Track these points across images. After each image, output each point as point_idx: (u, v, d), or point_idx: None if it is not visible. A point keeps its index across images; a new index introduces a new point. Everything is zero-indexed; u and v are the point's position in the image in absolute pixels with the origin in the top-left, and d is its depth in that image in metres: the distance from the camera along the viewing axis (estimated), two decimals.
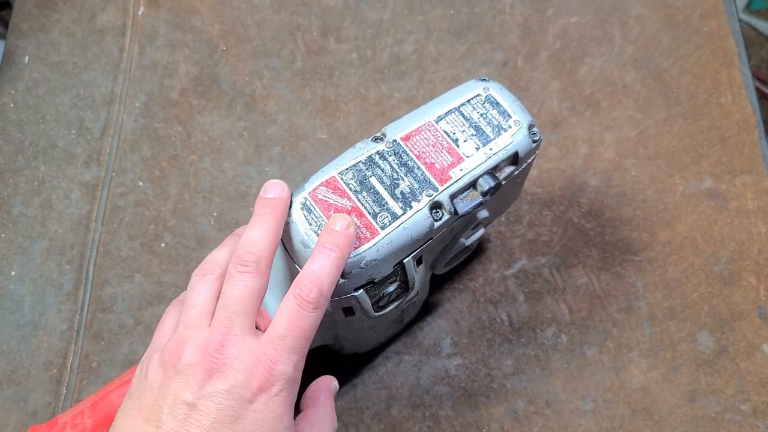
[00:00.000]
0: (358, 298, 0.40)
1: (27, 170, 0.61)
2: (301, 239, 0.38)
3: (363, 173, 0.40)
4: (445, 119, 0.42)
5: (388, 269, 0.39)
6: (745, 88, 0.63)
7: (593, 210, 0.59)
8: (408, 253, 0.40)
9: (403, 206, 0.39)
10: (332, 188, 0.39)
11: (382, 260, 0.38)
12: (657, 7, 0.67)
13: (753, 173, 0.59)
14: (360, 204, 0.39)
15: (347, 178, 0.40)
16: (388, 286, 0.41)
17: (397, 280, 0.42)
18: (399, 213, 0.39)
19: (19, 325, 0.55)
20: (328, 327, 0.43)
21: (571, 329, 0.54)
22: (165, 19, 0.68)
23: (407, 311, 0.49)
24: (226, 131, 0.63)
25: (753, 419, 0.51)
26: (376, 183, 0.40)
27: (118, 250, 0.58)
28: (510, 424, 0.51)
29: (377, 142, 0.41)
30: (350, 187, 0.39)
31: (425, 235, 0.40)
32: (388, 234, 0.38)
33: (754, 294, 0.55)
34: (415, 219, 0.39)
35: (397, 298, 0.43)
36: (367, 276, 0.39)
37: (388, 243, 0.38)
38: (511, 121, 0.42)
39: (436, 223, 0.39)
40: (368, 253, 0.38)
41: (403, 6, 0.68)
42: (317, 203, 0.39)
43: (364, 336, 0.48)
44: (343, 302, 0.40)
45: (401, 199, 0.39)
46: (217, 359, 0.33)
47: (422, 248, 0.41)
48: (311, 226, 0.38)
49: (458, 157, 0.41)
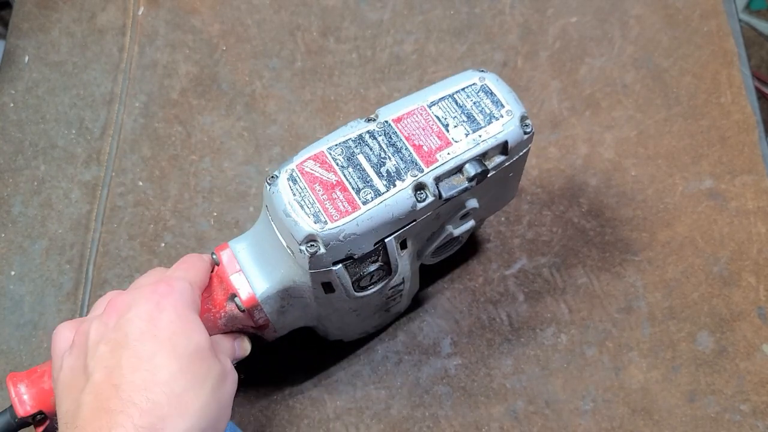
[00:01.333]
0: (337, 273, 0.40)
1: (27, 170, 0.61)
2: (284, 208, 0.39)
3: (351, 150, 0.41)
4: (438, 104, 0.42)
5: (369, 246, 0.40)
6: (744, 88, 0.63)
7: (593, 210, 0.59)
8: (389, 231, 0.40)
9: (387, 184, 0.39)
10: (320, 162, 0.40)
11: (362, 235, 0.39)
12: (657, 7, 0.67)
13: (753, 173, 0.59)
14: (345, 179, 0.40)
15: (335, 154, 0.40)
16: (369, 265, 0.42)
17: (379, 260, 0.42)
18: (382, 190, 0.39)
19: (18, 324, 0.55)
20: (310, 304, 0.44)
21: (571, 329, 0.54)
22: (165, 19, 0.68)
23: (394, 300, 0.48)
24: (226, 131, 0.63)
25: (753, 419, 0.51)
26: (363, 160, 0.40)
27: (117, 250, 0.58)
28: (510, 424, 0.51)
29: (369, 122, 0.42)
30: (337, 162, 0.40)
31: (407, 215, 0.40)
32: (370, 210, 0.39)
33: (753, 294, 0.55)
34: (398, 197, 0.39)
35: (380, 279, 0.43)
36: (345, 250, 0.39)
37: (368, 219, 0.39)
38: (503, 111, 0.42)
39: (419, 204, 0.40)
40: (347, 227, 0.38)
41: (403, 6, 0.68)
42: (303, 175, 0.39)
43: (348, 320, 0.48)
44: (322, 276, 0.40)
45: (386, 177, 0.40)
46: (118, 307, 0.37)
47: (405, 230, 0.41)
48: (294, 197, 0.39)
49: (447, 141, 0.41)
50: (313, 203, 0.39)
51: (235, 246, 0.44)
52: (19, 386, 0.41)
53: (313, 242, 0.38)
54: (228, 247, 0.44)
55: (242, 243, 0.44)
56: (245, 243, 0.44)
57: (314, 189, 0.39)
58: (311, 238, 0.38)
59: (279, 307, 0.43)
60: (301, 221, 0.38)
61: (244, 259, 0.43)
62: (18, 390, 0.41)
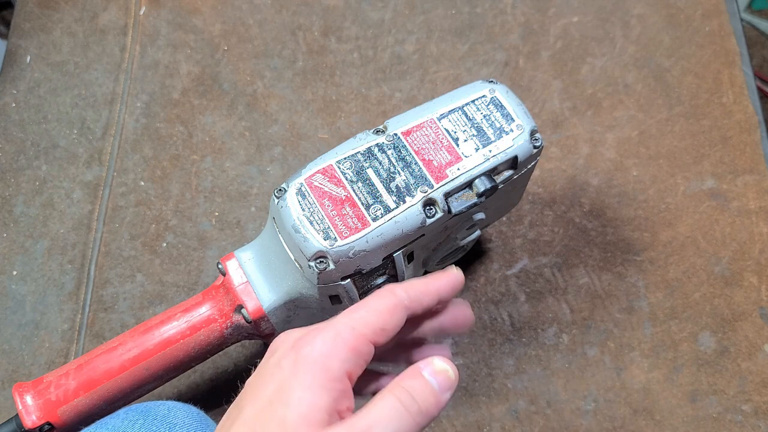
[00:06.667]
0: (345, 287, 0.40)
1: (29, 170, 0.61)
2: (293, 224, 0.38)
3: (360, 164, 0.40)
4: (448, 117, 0.42)
5: (377, 261, 0.40)
6: (746, 87, 0.63)
7: (594, 210, 0.59)
8: (398, 247, 0.40)
9: (397, 200, 0.39)
10: (329, 176, 0.40)
11: (371, 252, 0.38)
12: (658, 7, 0.67)
13: (755, 173, 0.59)
14: (354, 194, 0.39)
15: (344, 168, 0.40)
16: (376, 278, 0.41)
17: (386, 274, 0.42)
18: (392, 206, 0.39)
19: (20, 324, 0.55)
20: (316, 314, 0.44)
21: (573, 329, 0.54)
22: (166, 18, 0.68)
23: None
24: (228, 131, 0.63)
25: (754, 419, 0.51)
26: (373, 175, 0.40)
27: (119, 250, 0.58)
28: (511, 424, 0.51)
29: (378, 135, 0.41)
30: (346, 176, 0.40)
31: (416, 231, 0.40)
32: (379, 226, 0.38)
33: (755, 294, 0.55)
34: (408, 214, 0.39)
35: None
36: (354, 266, 0.39)
37: (378, 235, 0.38)
38: (513, 125, 0.42)
39: (429, 220, 0.39)
40: (357, 244, 0.38)
41: (404, 6, 0.68)
42: (312, 190, 0.39)
43: None
44: (329, 290, 0.40)
45: (396, 192, 0.39)
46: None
47: (413, 243, 0.41)
48: (303, 212, 0.38)
49: (457, 156, 0.41)
50: (322, 219, 0.38)
51: (241, 256, 0.43)
52: (26, 397, 0.41)
53: (323, 258, 0.38)
54: (234, 257, 0.43)
55: (248, 252, 0.43)
56: (251, 253, 0.43)
57: (323, 204, 0.39)
58: (321, 255, 0.38)
59: (285, 317, 0.43)
60: (310, 237, 0.38)
61: (250, 270, 0.43)
62: (24, 401, 0.41)
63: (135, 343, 0.43)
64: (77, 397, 0.42)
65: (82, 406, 0.42)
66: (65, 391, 0.41)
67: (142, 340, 0.43)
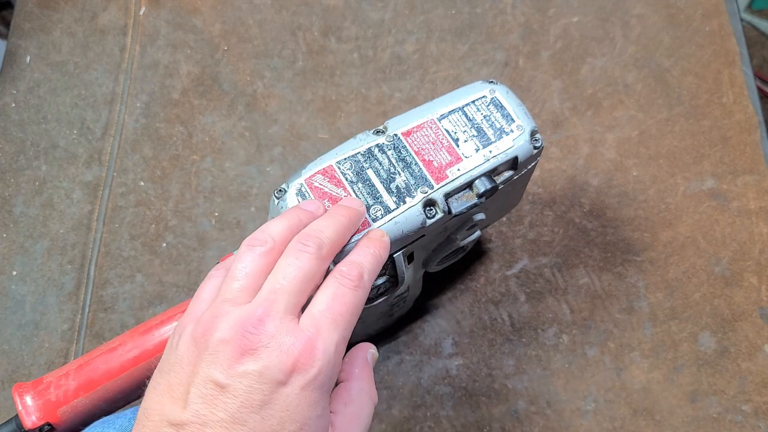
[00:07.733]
0: None
1: (28, 170, 0.61)
2: None
3: (361, 164, 0.40)
4: (448, 118, 0.42)
5: None
6: (746, 87, 0.63)
7: (594, 210, 0.59)
8: (398, 247, 0.40)
9: (397, 201, 0.39)
10: (329, 177, 0.40)
11: None
12: (658, 7, 0.67)
13: (755, 173, 0.59)
14: (354, 195, 0.39)
15: (344, 168, 0.40)
16: (376, 279, 0.41)
17: (386, 274, 0.42)
18: (392, 207, 0.39)
19: (20, 324, 0.55)
20: None
21: (573, 329, 0.54)
22: (166, 18, 0.68)
23: (397, 306, 0.48)
24: (228, 131, 0.63)
25: (754, 420, 0.51)
26: (373, 175, 0.40)
27: (119, 250, 0.58)
28: (511, 424, 0.51)
29: (378, 135, 0.41)
30: (346, 177, 0.40)
31: (416, 232, 0.40)
32: (380, 227, 0.38)
33: (755, 294, 0.55)
34: (408, 215, 0.39)
35: (386, 291, 0.43)
36: None
37: None
38: (513, 126, 0.42)
39: (429, 220, 0.39)
40: None
41: (404, 6, 0.68)
42: (312, 190, 0.39)
43: None
44: None
45: (396, 193, 0.39)
46: (251, 336, 0.30)
47: (413, 244, 0.41)
48: None
49: (457, 157, 0.41)
50: None
51: None
52: (26, 397, 0.41)
53: None
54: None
55: None
56: None
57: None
58: None
59: None
60: None
61: None
62: (24, 401, 0.41)
63: (135, 343, 0.43)
64: (77, 398, 0.42)
65: (82, 406, 0.42)
66: (65, 392, 0.42)
67: (142, 341, 0.43)
